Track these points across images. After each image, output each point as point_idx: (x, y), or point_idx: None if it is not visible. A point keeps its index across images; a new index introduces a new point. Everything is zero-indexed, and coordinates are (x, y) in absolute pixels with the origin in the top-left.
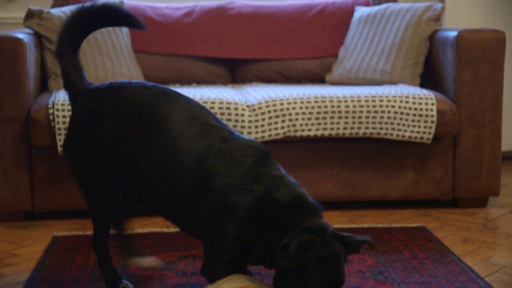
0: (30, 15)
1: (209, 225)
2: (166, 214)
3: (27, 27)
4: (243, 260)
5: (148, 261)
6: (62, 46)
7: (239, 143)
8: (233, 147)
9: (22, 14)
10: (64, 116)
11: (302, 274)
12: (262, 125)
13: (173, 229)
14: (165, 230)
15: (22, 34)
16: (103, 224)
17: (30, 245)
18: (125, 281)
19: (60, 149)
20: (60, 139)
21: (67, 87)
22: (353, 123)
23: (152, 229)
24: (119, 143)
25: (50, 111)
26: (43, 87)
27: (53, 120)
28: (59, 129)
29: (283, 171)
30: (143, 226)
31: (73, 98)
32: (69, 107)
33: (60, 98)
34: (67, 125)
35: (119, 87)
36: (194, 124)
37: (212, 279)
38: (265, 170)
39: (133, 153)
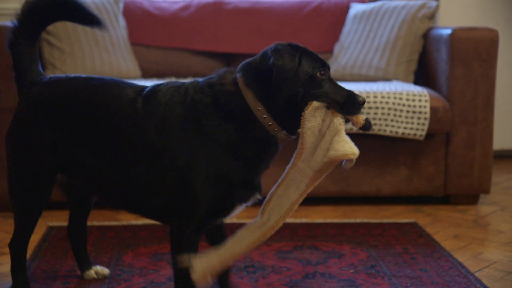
0: None
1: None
2: (125, 199)
3: None
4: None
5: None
6: (16, 36)
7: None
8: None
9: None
10: None
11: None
12: None
13: None
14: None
15: None
16: (27, 225)
17: None
18: None
19: None
20: None
21: (16, 78)
22: None
23: (147, 221)
24: (59, 143)
25: None
26: None
27: None
28: None
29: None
30: (137, 218)
31: (19, 90)
32: None
33: None
34: None
35: (54, 82)
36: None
37: (180, 245)
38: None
39: (76, 151)
